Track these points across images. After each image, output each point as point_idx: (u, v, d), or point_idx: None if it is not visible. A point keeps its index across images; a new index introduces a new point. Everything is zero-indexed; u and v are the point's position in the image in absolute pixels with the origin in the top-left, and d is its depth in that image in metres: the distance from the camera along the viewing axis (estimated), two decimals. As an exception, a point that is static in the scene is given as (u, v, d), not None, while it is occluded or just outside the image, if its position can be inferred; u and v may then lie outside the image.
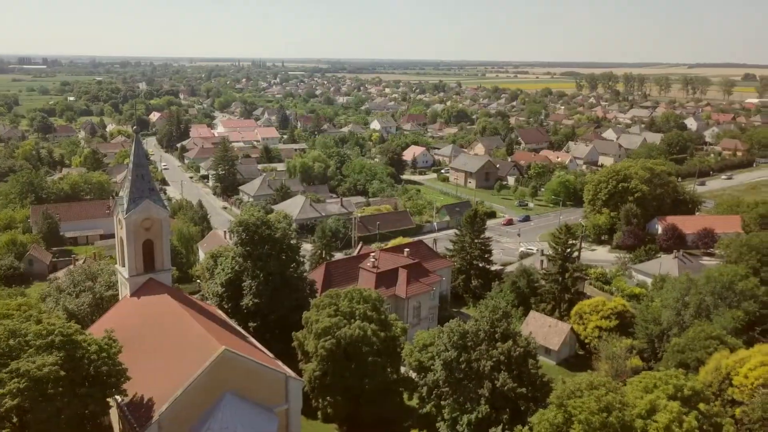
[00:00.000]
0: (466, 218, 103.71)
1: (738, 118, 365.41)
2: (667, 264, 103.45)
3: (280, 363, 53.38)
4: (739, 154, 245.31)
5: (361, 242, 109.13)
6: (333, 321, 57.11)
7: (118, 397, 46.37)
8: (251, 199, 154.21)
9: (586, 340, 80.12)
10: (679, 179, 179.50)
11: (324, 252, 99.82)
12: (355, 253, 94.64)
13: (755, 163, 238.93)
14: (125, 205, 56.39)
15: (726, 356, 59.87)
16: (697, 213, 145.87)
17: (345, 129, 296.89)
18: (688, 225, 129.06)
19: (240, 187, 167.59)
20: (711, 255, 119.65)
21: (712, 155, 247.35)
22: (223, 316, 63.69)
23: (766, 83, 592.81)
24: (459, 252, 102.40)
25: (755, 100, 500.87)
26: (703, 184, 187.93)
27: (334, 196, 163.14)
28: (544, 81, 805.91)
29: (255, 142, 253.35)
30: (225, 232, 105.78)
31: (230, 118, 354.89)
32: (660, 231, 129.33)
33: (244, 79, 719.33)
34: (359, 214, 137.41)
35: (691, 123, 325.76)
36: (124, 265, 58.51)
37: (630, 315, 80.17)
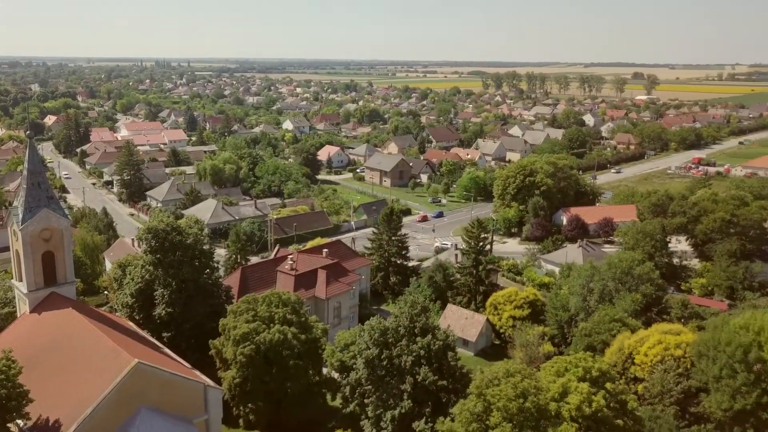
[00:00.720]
0: (382, 216, 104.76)
1: (630, 114, 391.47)
2: (572, 253, 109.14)
3: (197, 372, 51.68)
4: (632, 147, 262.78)
5: (277, 245, 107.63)
6: (251, 326, 56.00)
7: (20, 421, 43.21)
8: (160, 205, 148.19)
9: (501, 330, 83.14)
10: (580, 172, 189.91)
11: (239, 256, 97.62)
12: (271, 256, 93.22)
13: (646, 155, 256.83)
14: (20, 216, 52.55)
15: (628, 337, 64.00)
16: (598, 204, 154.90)
17: (256, 129, 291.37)
18: (590, 215, 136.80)
19: (147, 193, 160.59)
20: (611, 243, 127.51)
21: (608, 149, 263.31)
22: (135, 327, 60.82)
23: (653, 81, 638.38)
24: (377, 250, 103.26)
25: (644, 97, 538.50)
26: (594, 178, 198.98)
27: (248, 198, 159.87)
28: (452, 80, 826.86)
29: (162, 145, 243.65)
30: (133, 239, 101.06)
31: (134, 120, 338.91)
32: (565, 222, 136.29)
33: (147, 80, 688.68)
34: (275, 216, 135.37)
35: (589, 119, 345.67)
36: (21, 280, 54.55)
37: (541, 303, 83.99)
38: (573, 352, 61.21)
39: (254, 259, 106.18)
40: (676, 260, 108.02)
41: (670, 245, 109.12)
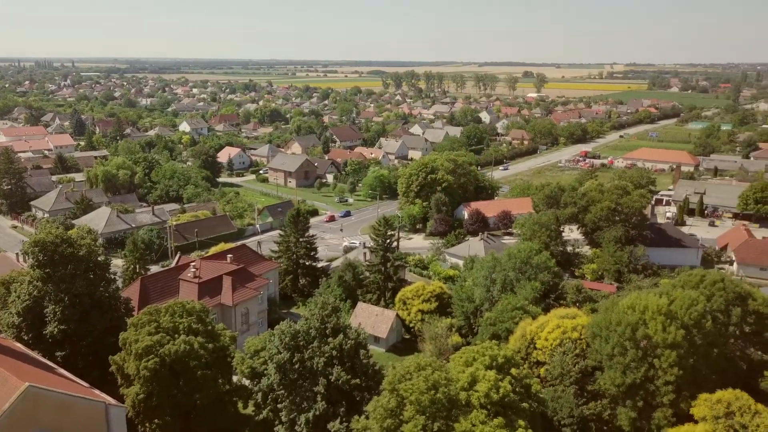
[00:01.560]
0: (289, 218, 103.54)
1: (522, 111, 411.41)
2: (474, 246, 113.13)
3: (97, 391, 48.79)
4: (525, 143, 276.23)
5: (179, 252, 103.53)
6: (155, 339, 53.58)
7: None
8: (47, 215, 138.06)
9: (411, 324, 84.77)
10: (479, 168, 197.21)
11: (138, 266, 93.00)
12: (173, 265, 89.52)
13: (539, 150, 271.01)
14: None
15: (529, 323, 67.32)
16: (496, 198, 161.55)
17: (151, 132, 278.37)
18: (490, 209, 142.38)
19: (32, 203, 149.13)
20: (510, 234, 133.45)
21: (504, 145, 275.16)
22: (23, 348, 56.39)
23: (541, 79, 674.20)
24: (285, 252, 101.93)
25: (534, 95, 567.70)
26: (505, 168, 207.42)
27: (145, 204, 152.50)
28: (353, 80, 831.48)
29: (46, 152, 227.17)
30: (18, 254, 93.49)
31: (13, 125, 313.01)
32: (466, 216, 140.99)
33: (27, 82, 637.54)
34: (174, 223, 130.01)
35: (485, 116, 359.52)
36: None
37: (447, 296, 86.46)
38: (479, 341, 63.58)
39: (154, 269, 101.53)
40: (569, 248, 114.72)
41: (563, 234, 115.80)
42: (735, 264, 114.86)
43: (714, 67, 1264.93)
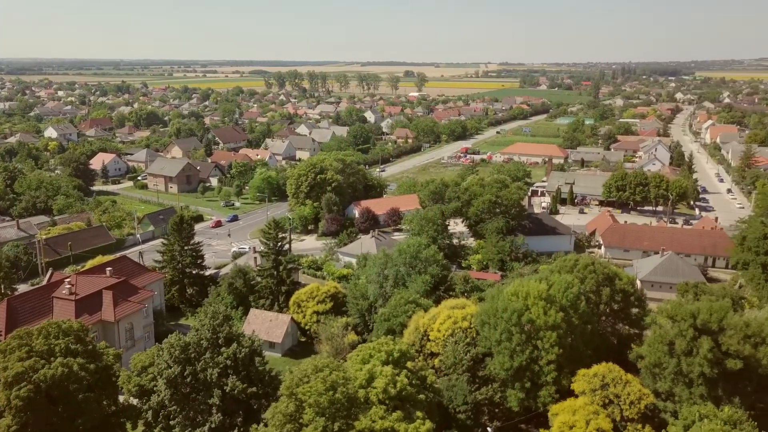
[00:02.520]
0: (172, 225, 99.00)
1: (405, 109, 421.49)
2: (366, 244, 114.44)
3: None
4: (410, 141, 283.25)
5: (50, 268, 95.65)
6: (27, 364, 49.21)
7: None
8: None
9: (307, 327, 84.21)
10: (367, 167, 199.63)
11: (3, 286, 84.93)
12: (44, 282, 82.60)
13: (423, 148, 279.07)
14: None
15: (422, 316, 69.25)
16: (385, 195, 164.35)
17: (12, 139, 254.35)
18: (379, 207, 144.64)
19: None
20: (400, 230, 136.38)
21: (389, 144, 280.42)
22: None
23: (422, 78, 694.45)
24: (169, 262, 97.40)
25: (416, 94, 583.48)
26: (382, 171, 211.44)
27: (8, 218, 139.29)
28: (234, 80, 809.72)
29: None
30: None
31: None
32: (357, 215, 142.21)
33: None
34: (44, 236, 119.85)
35: (370, 116, 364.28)
36: None
37: (342, 295, 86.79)
38: (375, 337, 64.49)
39: (22, 288, 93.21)
40: (455, 241, 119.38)
41: (449, 228, 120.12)
42: (603, 247, 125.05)
43: (576, 66, 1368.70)
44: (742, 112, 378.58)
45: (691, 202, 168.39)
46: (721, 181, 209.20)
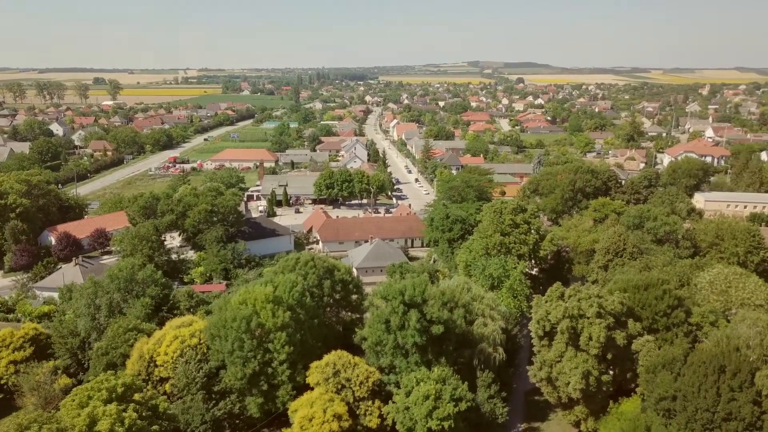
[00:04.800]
0: None
1: (100, 120, 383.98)
2: (69, 273, 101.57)
3: None
4: (109, 153, 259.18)
5: None
6: None
7: None
8: None
9: (2, 381, 71.22)
10: (60, 186, 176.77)
11: None
12: None
13: (125, 160, 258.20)
14: None
15: (146, 342, 64.43)
16: (86, 216, 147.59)
17: None
18: (81, 230, 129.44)
19: None
20: (109, 253, 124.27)
21: (85, 158, 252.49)
22: None
23: (116, 86, 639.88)
24: None
25: (110, 102, 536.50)
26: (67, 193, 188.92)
27: None
28: None
29: None
30: None
31: None
32: (54, 242, 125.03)
33: None
34: None
35: (57, 128, 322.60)
36: None
37: (46, 336, 75.39)
38: (93, 376, 57.89)
39: None
40: (174, 256, 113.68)
41: (166, 243, 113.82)
42: (320, 242, 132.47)
43: (275, 72, 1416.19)
44: (419, 111, 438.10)
45: (389, 193, 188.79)
46: (410, 172, 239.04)
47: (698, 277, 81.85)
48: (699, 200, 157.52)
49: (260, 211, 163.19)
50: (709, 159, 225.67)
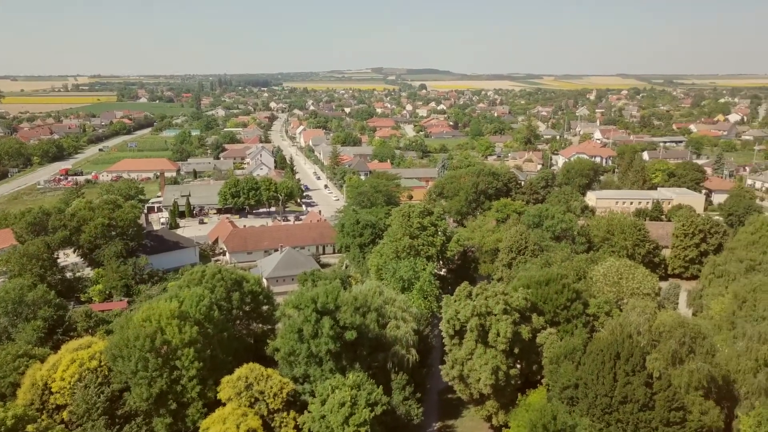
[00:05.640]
0: None
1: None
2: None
3: None
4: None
5: None
6: None
7: None
8: None
9: None
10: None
11: None
12: None
13: (10, 174, 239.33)
14: None
15: (39, 369, 59.90)
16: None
17: None
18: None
19: None
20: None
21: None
22: None
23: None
24: None
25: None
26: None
27: None
28: None
29: None
30: None
31: None
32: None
33: None
34: None
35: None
36: None
37: None
38: (-22, 410, 53.00)
39: None
40: (69, 274, 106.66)
41: (59, 261, 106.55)
42: (227, 254, 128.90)
43: (174, 78, 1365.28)
44: (325, 118, 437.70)
45: (298, 200, 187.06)
46: (319, 178, 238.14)
47: (593, 271, 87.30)
48: (591, 198, 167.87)
49: (162, 224, 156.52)
50: (598, 159, 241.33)
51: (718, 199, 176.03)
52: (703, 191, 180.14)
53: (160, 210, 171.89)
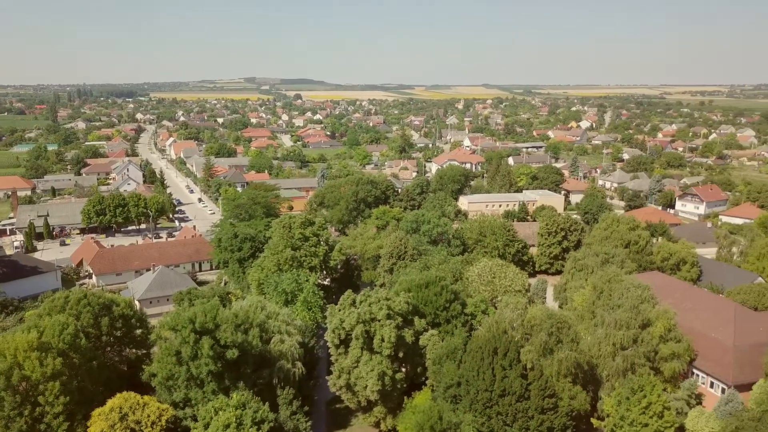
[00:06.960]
0: None
1: None
2: None
3: None
4: None
5: None
6: None
7: None
8: None
9: None
10: None
11: None
12: None
13: None
14: None
15: None
16: None
17: None
18: None
19: None
20: None
21: None
22: None
23: None
24: None
25: None
26: None
27: None
28: None
29: None
30: None
31: None
32: None
33: None
34: None
35: None
36: None
37: None
38: None
39: None
40: None
41: None
42: (94, 276, 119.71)
43: (26, 89, 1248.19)
44: (197, 129, 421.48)
45: (170, 216, 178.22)
46: (192, 192, 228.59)
47: (468, 271, 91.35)
48: (463, 202, 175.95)
49: (16, 247, 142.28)
50: (468, 165, 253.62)
51: (575, 199, 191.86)
52: (563, 192, 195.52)
53: (13, 233, 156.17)
